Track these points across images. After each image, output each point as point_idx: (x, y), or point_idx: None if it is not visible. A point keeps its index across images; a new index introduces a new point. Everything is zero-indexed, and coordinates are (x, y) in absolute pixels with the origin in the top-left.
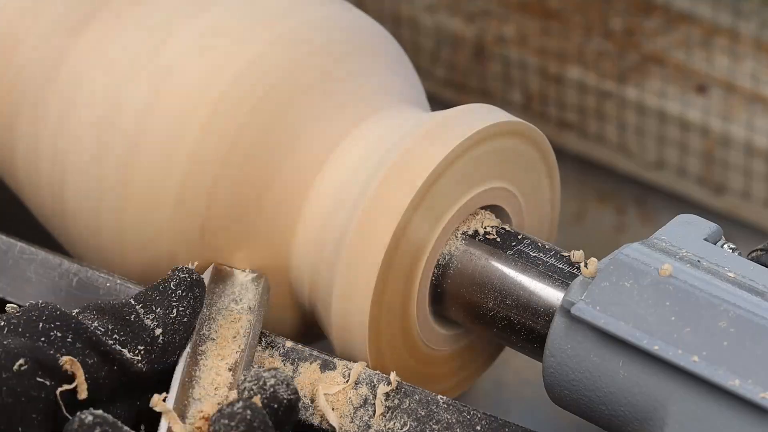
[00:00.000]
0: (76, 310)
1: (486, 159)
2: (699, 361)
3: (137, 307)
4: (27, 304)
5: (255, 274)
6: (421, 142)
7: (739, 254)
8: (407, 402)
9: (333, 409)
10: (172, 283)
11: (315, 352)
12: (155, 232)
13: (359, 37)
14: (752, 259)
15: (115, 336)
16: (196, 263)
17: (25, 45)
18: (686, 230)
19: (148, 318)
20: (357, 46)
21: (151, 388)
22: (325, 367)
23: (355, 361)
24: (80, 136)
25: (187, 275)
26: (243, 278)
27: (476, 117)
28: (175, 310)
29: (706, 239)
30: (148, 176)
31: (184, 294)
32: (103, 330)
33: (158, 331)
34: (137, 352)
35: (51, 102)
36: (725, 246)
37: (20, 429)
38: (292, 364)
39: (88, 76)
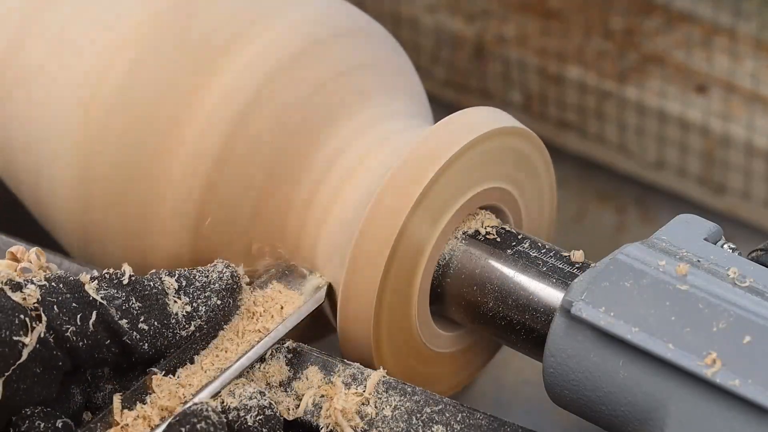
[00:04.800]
0: (103, 274)
1: (485, 159)
2: (699, 361)
3: (167, 288)
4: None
5: (319, 282)
6: (422, 149)
7: (739, 254)
8: (407, 402)
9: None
10: (212, 276)
11: (316, 352)
12: (154, 233)
13: (360, 38)
14: (752, 259)
15: (134, 318)
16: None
17: (24, 46)
18: (686, 230)
19: (173, 302)
20: (358, 47)
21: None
22: (326, 367)
23: (358, 361)
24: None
25: (226, 271)
26: (309, 284)
27: (476, 122)
28: (203, 306)
29: (706, 239)
30: (147, 177)
31: (216, 290)
32: (119, 301)
33: (180, 322)
34: (147, 332)
35: (49, 102)
36: (725, 246)
37: (26, 385)
38: (293, 364)
39: (73, 70)
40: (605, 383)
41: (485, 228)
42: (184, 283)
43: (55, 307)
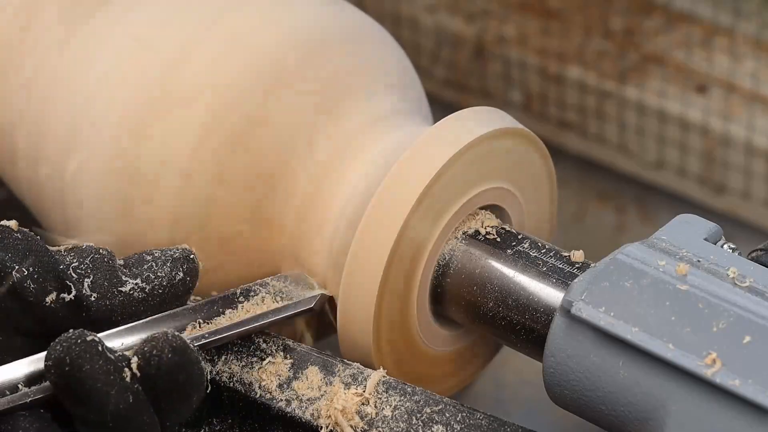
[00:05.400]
0: (62, 246)
1: (486, 159)
2: (699, 361)
3: (118, 259)
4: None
5: (320, 292)
6: (422, 150)
7: (739, 254)
8: (407, 402)
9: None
10: (163, 251)
11: (316, 352)
12: (156, 236)
13: (359, 38)
14: (752, 259)
15: (84, 275)
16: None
17: (25, 45)
18: (686, 230)
19: (124, 270)
20: (357, 48)
21: None
22: (326, 367)
23: (358, 361)
24: (80, 137)
25: (179, 248)
26: (308, 290)
27: (476, 123)
28: (153, 270)
29: (706, 239)
30: (150, 177)
31: (169, 260)
32: (70, 256)
33: (129, 282)
34: (97, 293)
35: (51, 101)
36: (725, 246)
37: None
38: (293, 364)
39: (86, 72)
40: (605, 383)
41: (485, 228)
42: (137, 258)
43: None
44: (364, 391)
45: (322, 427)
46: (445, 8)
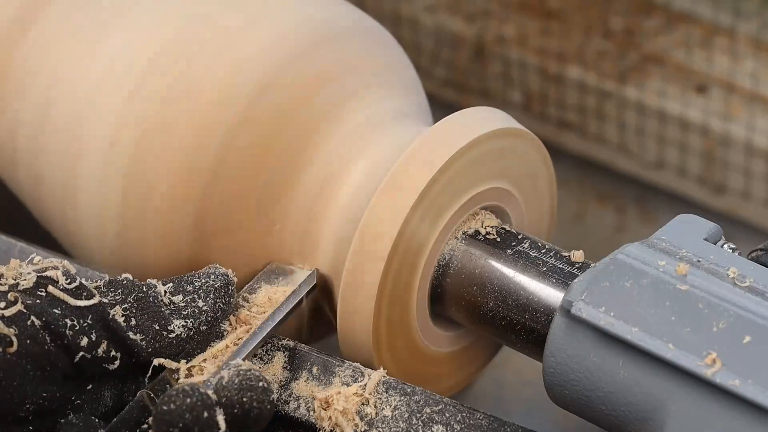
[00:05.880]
0: (101, 281)
1: (486, 159)
2: (699, 361)
3: (162, 293)
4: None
5: (309, 272)
6: (422, 150)
7: (739, 254)
8: (407, 402)
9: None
10: (203, 280)
11: (316, 352)
12: (153, 233)
13: (360, 38)
14: (752, 259)
15: (131, 318)
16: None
17: (25, 44)
18: (686, 230)
19: (169, 306)
20: (358, 47)
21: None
22: (326, 367)
23: (358, 361)
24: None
25: (220, 275)
26: (298, 275)
27: (476, 123)
28: (198, 306)
29: (706, 239)
30: (147, 177)
31: (211, 292)
32: (119, 309)
33: (177, 323)
34: (147, 338)
35: (50, 103)
36: (725, 246)
37: (16, 382)
38: (293, 364)
39: (86, 69)
40: (605, 383)
41: (485, 228)
42: (177, 288)
43: (52, 304)
44: (364, 391)
45: (322, 428)
46: (445, 8)
